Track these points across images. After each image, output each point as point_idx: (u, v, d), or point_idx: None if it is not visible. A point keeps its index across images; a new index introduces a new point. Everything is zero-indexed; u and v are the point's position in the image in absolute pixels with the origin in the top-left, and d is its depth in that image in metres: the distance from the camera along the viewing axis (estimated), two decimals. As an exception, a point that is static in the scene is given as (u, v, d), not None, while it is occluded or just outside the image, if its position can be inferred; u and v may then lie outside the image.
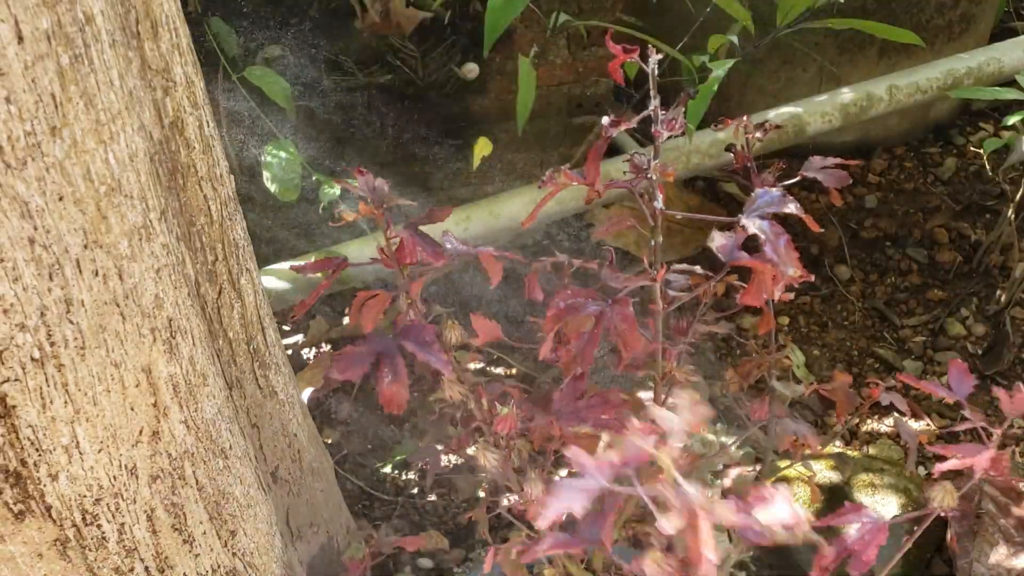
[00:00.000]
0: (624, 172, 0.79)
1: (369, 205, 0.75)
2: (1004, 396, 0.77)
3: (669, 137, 0.77)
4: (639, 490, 0.54)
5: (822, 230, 0.76)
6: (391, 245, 0.77)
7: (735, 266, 0.76)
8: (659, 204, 0.77)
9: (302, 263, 0.80)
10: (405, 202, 0.77)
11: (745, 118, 0.91)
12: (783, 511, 0.54)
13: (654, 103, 0.76)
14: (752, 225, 0.70)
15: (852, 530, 0.69)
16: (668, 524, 0.52)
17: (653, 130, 0.76)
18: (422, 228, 0.78)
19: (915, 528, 0.77)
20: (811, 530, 0.56)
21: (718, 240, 0.74)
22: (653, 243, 0.80)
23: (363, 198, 0.76)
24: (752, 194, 0.73)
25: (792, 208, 0.72)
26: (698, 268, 0.84)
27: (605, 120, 0.76)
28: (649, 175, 0.76)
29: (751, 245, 0.75)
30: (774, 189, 0.72)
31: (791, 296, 0.81)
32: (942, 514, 0.71)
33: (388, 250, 0.77)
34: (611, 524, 0.56)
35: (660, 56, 0.77)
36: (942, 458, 0.71)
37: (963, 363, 0.82)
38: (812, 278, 0.76)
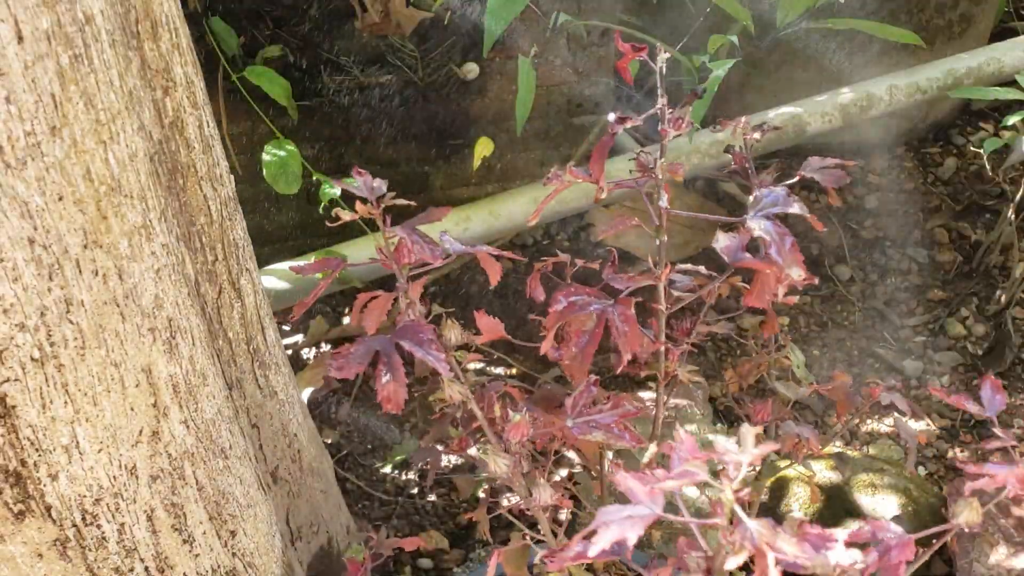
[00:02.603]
0: (631, 171, 0.79)
1: (367, 205, 0.75)
2: None
3: (675, 136, 0.77)
4: (691, 521, 0.53)
5: (825, 228, 0.75)
6: (390, 244, 0.77)
7: (738, 267, 0.75)
8: (664, 203, 0.76)
9: (301, 263, 0.80)
10: (403, 202, 0.77)
11: (743, 119, 0.91)
12: (843, 556, 0.53)
13: (662, 101, 0.75)
14: (757, 227, 0.70)
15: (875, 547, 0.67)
16: (733, 562, 0.51)
17: (660, 128, 0.76)
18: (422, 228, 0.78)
19: (934, 540, 0.75)
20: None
21: (723, 241, 0.73)
22: (658, 242, 0.80)
23: (361, 198, 0.76)
24: (755, 194, 0.73)
25: (796, 208, 0.71)
26: (703, 268, 0.84)
27: (611, 116, 0.76)
28: (656, 174, 0.76)
29: (754, 246, 0.75)
30: (778, 188, 0.72)
31: (795, 299, 0.81)
32: (965, 530, 0.70)
33: (387, 250, 0.77)
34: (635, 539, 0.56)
35: (668, 56, 0.77)
36: (967, 474, 0.70)
37: (997, 380, 0.79)
38: (816, 280, 0.76)
